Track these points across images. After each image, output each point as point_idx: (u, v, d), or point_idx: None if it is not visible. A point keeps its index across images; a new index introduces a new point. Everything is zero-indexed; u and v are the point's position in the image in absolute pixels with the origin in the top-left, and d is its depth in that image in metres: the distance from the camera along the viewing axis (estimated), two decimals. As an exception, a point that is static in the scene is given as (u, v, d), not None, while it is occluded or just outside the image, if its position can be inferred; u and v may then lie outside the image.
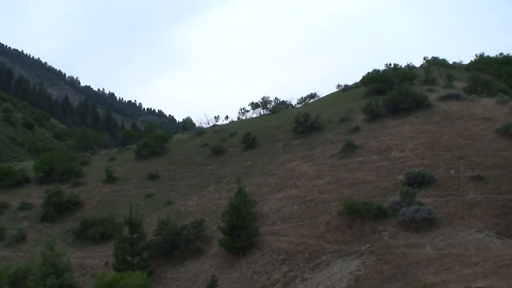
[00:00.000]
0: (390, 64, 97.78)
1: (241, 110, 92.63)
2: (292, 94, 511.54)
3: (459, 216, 27.73)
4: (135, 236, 34.64)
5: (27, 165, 65.63)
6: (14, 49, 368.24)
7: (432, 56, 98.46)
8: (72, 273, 36.48)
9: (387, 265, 24.15)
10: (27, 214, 48.84)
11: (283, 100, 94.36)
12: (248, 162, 49.95)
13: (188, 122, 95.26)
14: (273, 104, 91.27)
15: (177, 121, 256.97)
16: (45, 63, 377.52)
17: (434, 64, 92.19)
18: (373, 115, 51.57)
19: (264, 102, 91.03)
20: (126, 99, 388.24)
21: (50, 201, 47.51)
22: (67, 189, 51.80)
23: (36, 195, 52.81)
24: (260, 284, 29.12)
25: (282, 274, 28.97)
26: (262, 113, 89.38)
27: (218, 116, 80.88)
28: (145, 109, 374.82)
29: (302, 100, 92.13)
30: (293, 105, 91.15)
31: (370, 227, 29.00)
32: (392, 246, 26.14)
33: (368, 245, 27.24)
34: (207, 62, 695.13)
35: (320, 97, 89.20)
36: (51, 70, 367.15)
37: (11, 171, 59.70)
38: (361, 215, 29.65)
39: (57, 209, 47.16)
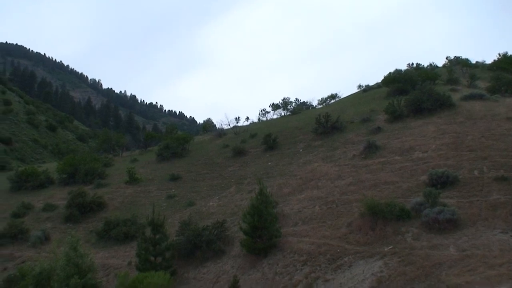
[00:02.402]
0: (412, 64, 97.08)
1: (261, 111, 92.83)
2: (313, 95, 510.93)
3: (483, 217, 27.38)
4: (157, 236, 34.86)
5: (51, 166, 66.45)
6: (36, 52, 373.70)
7: (454, 55, 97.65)
8: (95, 273, 36.88)
9: (410, 266, 23.95)
10: (51, 215, 49.46)
11: (304, 101, 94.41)
12: (269, 163, 49.93)
13: (208, 124, 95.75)
14: (293, 105, 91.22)
15: (198, 122, 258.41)
16: (67, 66, 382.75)
17: (457, 64, 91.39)
18: (395, 116, 51.16)
19: (285, 103, 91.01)
20: (147, 101, 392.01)
21: (73, 202, 48.05)
22: (91, 190, 52.34)
23: (59, 196, 53.46)
24: (282, 285, 29.08)
25: (304, 275, 28.89)
26: (282, 114, 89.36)
27: (238, 118, 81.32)
28: (166, 111, 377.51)
29: (323, 101, 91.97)
30: (314, 106, 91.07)
31: (392, 228, 28.77)
32: (415, 247, 25.91)
33: (391, 247, 27.03)
34: (228, 64, 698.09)
35: (341, 97, 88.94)
36: (73, 73, 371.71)
37: (35, 173, 60.49)
38: (383, 216, 29.42)
39: (81, 210, 47.71)
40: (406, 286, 22.60)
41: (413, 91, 56.49)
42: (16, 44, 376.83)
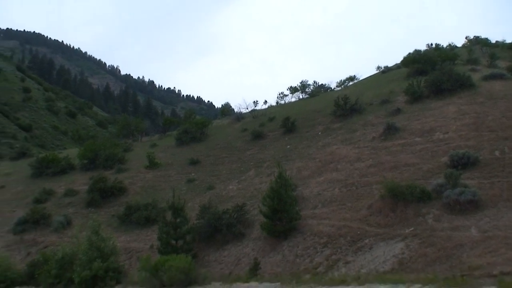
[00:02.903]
0: (431, 44, 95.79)
1: (279, 94, 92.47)
2: (331, 77, 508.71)
3: (505, 198, 27.12)
4: (178, 220, 35.16)
5: (71, 152, 67.10)
6: (54, 39, 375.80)
7: (474, 35, 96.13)
8: (117, 256, 37.40)
9: (431, 248, 23.88)
10: (73, 200, 50.11)
11: (322, 84, 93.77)
12: (288, 146, 49.88)
13: (227, 108, 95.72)
14: (311, 88, 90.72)
15: (216, 107, 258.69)
16: (86, 52, 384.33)
17: (476, 44, 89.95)
18: (415, 97, 50.61)
19: (303, 86, 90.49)
20: (165, 86, 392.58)
21: (94, 187, 48.60)
22: (111, 175, 52.82)
23: (80, 182, 54.04)
24: (303, 267, 29.19)
25: (324, 257, 28.96)
26: (301, 97, 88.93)
27: (256, 101, 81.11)
28: (184, 95, 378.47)
29: (341, 83, 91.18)
30: (332, 88, 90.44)
31: (413, 210, 28.64)
32: (436, 229, 25.80)
33: (412, 228, 26.95)
34: (246, 47, 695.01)
35: (360, 79, 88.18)
36: (91, 59, 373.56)
37: (56, 159, 61.18)
38: (404, 198, 29.29)
39: (102, 195, 48.26)
40: (427, 267, 22.55)
41: (432, 72, 55.81)
42: (34, 32, 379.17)
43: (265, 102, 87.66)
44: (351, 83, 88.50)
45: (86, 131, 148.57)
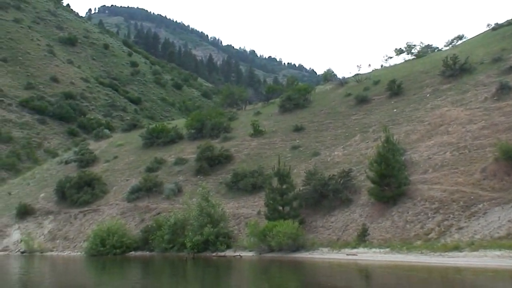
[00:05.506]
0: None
1: (384, 57, 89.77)
2: (438, 37, 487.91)
3: None
4: (284, 186, 35.56)
5: (179, 123, 69.17)
6: (158, 14, 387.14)
7: None
8: (227, 222, 38.67)
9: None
10: (182, 168, 51.94)
11: (429, 44, 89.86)
12: (395, 110, 48.49)
13: (329, 73, 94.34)
14: (418, 49, 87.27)
15: (318, 73, 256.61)
16: (188, 25, 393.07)
17: None
18: (530, 53, 47.32)
19: (409, 47, 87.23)
20: (266, 55, 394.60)
21: (202, 155, 50.07)
22: (217, 143, 54.08)
23: (189, 151, 55.79)
24: (413, 233, 28.61)
25: (436, 223, 28.23)
26: (406, 58, 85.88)
27: (360, 65, 79.39)
28: (286, 63, 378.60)
29: (449, 43, 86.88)
30: (440, 48, 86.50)
31: (531, 173, 27.12)
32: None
33: (530, 192, 25.55)
34: (347, 10, 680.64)
35: (468, 38, 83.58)
36: (194, 32, 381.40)
37: (165, 129, 63.45)
38: (520, 161, 27.77)
39: (210, 163, 49.68)
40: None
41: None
42: (138, 7, 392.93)
43: (369, 65, 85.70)
44: (459, 42, 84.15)
45: (192, 102, 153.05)
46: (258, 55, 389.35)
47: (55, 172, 64.37)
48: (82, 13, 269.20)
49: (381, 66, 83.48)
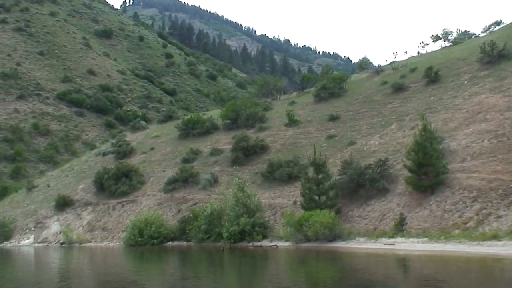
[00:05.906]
0: None
1: (421, 43, 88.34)
2: (475, 23, 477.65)
3: None
4: (320, 176, 35.46)
5: (214, 113, 69.49)
6: (192, 5, 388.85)
7: None
8: (263, 212, 38.80)
9: None
10: (218, 159, 52.21)
11: (466, 30, 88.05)
12: (432, 98, 47.72)
13: (364, 61, 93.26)
14: (455, 35, 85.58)
15: (353, 62, 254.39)
16: (222, 16, 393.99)
17: None
18: None
19: (445, 34, 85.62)
20: (300, 44, 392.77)
21: (238, 146, 50.23)
22: (253, 133, 54.14)
23: (224, 141, 56.01)
24: (452, 222, 28.26)
25: (474, 212, 27.83)
26: (443, 45, 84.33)
27: (396, 52, 78.22)
28: (320, 52, 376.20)
29: (487, 29, 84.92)
30: (477, 34, 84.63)
31: None
32: None
33: None
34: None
35: (506, 24, 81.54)
36: (228, 22, 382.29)
37: (200, 120, 63.77)
38: None
39: (245, 153, 49.81)
40: None
41: None
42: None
43: (406, 52, 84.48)
44: (497, 27, 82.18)
45: (226, 92, 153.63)
46: (292, 44, 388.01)
47: (93, 164, 65.44)
48: (117, 6, 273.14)
49: (418, 53, 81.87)
